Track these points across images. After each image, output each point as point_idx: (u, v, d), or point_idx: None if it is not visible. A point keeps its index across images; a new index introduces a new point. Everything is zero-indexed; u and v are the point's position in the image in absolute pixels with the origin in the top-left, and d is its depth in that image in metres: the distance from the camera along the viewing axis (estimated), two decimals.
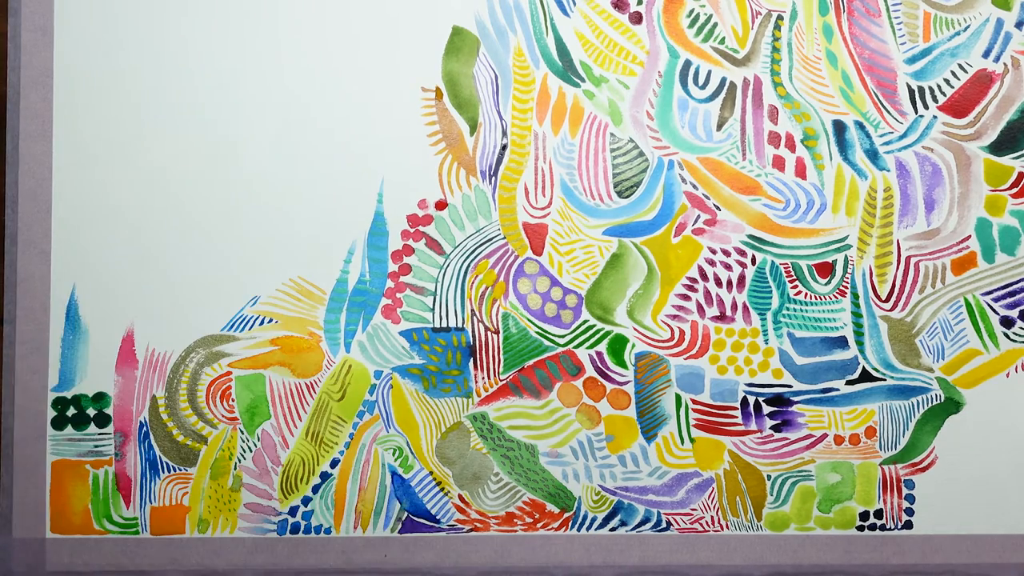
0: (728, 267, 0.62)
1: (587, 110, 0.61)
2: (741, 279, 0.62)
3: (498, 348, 0.61)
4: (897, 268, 0.62)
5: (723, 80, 0.62)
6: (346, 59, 0.61)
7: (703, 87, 0.62)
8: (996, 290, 0.62)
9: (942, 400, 0.62)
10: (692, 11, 0.62)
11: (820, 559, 0.62)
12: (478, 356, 0.61)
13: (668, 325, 0.62)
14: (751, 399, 0.62)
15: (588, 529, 0.62)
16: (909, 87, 0.62)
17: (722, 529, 0.62)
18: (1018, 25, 0.62)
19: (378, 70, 0.61)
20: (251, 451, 0.61)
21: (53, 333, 0.60)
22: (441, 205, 0.61)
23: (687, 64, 0.62)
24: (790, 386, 0.62)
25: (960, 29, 0.62)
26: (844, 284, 0.62)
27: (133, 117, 0.61)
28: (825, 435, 0.62)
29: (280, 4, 0.61)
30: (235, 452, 0.61)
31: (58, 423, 0.60)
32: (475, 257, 0.61)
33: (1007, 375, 0.62)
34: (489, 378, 0.61)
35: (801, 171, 0.62)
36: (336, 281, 0.61)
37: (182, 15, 0.61)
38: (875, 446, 0.62)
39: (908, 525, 0.62)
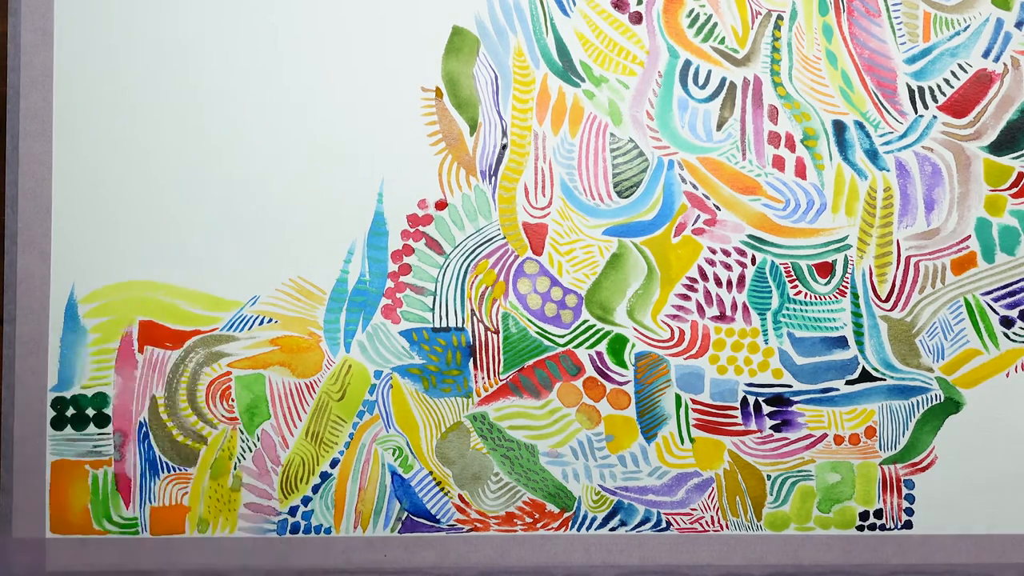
0: (728, 267, 0.62)
1: (587, 110, 0.61)
2: (741, 279, 0.62)
3: (498, 348, 0.61)
4: (897, 268, 0.62)
5: (723, 80, 0.62)
6: (346, 59, 0.61)
7: (703, 87, 0.62)
8: (996, 290, 0.62)
9: (942, 400, 0.62)
10: (692, 11, 0.62)
11: (820, 559, 0.62)
12: (478, 356, 0.61)
13: (668, 325, 0.62)
14: (751, 399, 0.62)
15: (588, 529, 0.62)
16: (909, 87, 0.62)
17: (722, 529, 0.62)
18: (1018, 25, 0.62)
19: (378, 70, 0.61)
20: (251, 451, 0.61)
21: (53, 333, 0.60)
22: (441, 205, 0.61)
23: (687, 64, 0.62)
24: (790, 386, 0.62)
25: (960, 29, 0.62)
26: (844, 284, 0.62)
27: (133, 117, 0.61)
28: (825, 435, 0.62)
29: (280, 4, 0.61)
30: (235, 452, 0.61)
31: (57, 423, 0.60)
32: (475, 257, 0.61)
33: (1007, 375, 0.62)
34: (489, 378, 0.61)
35: (801, 171, 0.62)
36: (336, 281, 0.61)
37: (182, 15, 0.61)
38: (875, 446, 0.62)
39: (908, 525, 0.62)
